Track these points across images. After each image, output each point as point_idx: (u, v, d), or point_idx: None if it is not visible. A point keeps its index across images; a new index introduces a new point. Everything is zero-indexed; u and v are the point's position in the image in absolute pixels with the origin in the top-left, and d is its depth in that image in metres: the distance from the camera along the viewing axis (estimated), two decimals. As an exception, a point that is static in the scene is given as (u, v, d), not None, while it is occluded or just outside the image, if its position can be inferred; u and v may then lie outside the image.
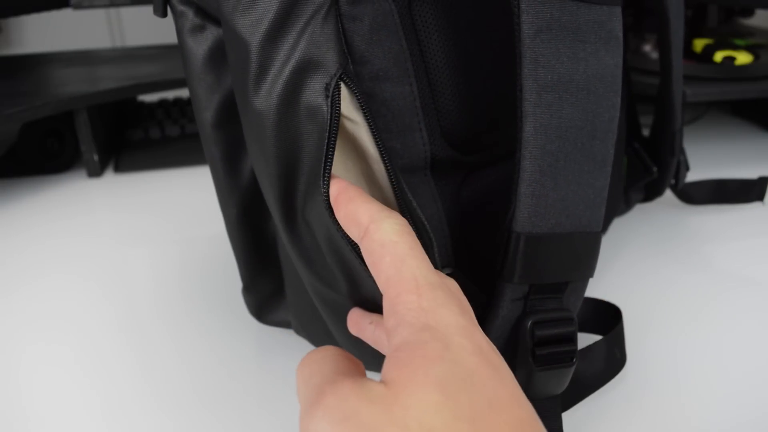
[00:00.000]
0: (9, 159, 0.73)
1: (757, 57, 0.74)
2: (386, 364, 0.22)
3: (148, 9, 1.07)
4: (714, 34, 0.81)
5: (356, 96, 0.29)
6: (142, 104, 0.88)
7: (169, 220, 0.61)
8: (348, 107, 0.29)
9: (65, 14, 0.91)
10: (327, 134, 0.29)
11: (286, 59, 0.29)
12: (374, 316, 0.31)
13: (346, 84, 0.29)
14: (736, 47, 0.76)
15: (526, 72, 0.29)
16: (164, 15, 0.36)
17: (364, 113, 0.29)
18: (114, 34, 1.14)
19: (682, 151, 0.55)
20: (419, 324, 0.22)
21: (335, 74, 0.29)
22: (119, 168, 0.73)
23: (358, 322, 0.31)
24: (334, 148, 0.29)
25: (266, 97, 0.30)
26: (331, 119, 0.29)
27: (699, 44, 0.76)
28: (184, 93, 0.89)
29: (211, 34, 0.35)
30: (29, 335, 0.45)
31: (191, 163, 0.74)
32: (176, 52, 0.89)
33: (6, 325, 0.46)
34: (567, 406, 0.36)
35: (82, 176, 0.72)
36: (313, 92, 0.29)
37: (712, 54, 0.74)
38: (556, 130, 0.30)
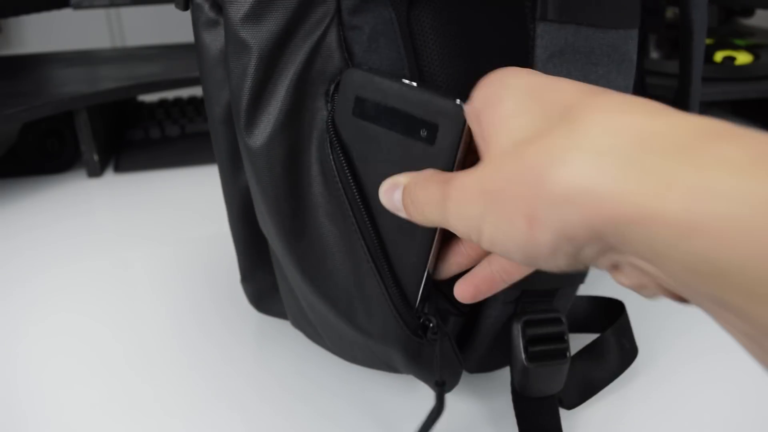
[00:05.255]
0: (9, 159, 0.73)
1: (757, 57, 0.74)
2: None
3: (148, 9, 1.07)
4: (714, 34, 0.81)
5: None
6: (142, 104, 0.88)
7: (169, 219, 0.61)
8: None
9: (65, 14, 0.90)
10: (328, 135, 0.30)
11: (290, 68, 0.30)
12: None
13: None
14: (736, 47, 0.76)
15: None
16: (186, 8, 0.36)
17: None
18: (114, 34, 1.14)
19: None
20: None
21: (334, 79, 0.30)
22: (119, 168, 0.73)
23: (477, 282, 0.30)
24: (338, 142, 0.30)
25: (273, 105, 0.31)
26: (329, 119, 0.30)
27: (699, 44, 0.76)
28: (184, 93, 0.89)
29: (224, 29, 0.35)
30: (30, 334, 0.45)
31: (191, 163, 0.74)
32: (176, 52, 0.89)
33: (7, 324, 0.46)
34: (581, 401, 0.36)
35: (82, 176, 0.72)
36: (316, 97, 0.30)
37: (712, 54, 0.74)
38: None
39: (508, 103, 0.23)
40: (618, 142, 0.19)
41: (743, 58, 0.74)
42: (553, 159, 0.20)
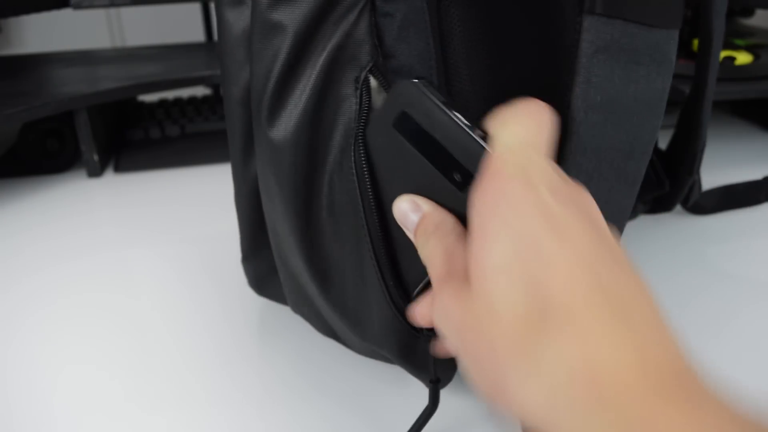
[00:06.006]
0: (9, 159, 0.73)
1: (757, 57, 0.74)
2: None
3: (148, 9, 1.07)
4: (714, 34, 0.81)
5: (384, 90, 0.30)
6: (142, 104, 0.88)
7: (169, 219, 0.61)
8: (377, 100, 0.30)
9: (65, 14, 0.90)
10: (355, 125, 0.30)
11: (321, 52, 0.30)
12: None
13: (375, 76, 0.30)
14: (736, 47, 0.77)
15: (577, 91, 0.29)
16: None
17: None
18: (114, 34, 1.14)
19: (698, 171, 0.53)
20: None
21: (365, 67, 0.30)
22: (119, 168, 0.73)
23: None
24: (363, 137, 0.30)
25: (300, 89, 0.31)
26: (360, 110, 0.30)
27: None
28: (184, 93, 0.89)
29: (249, 10, 0.35)
30: (29, 334, 0.45)
31: (191, 163, 0.74)
32: (176, 52, 0.89)
33: (6, 324, 0.46)
34: None
35: (82, 176, 0.72)
36: (344, 84, 0.30)
37: (712, 54, 0.74)
38: (595, 150, 0.30)
39: (497, 247, 0.22)
40: (575, 385, 0.20)
41: (743, 58, 0.74)
42: (518, 378, 0.21)
